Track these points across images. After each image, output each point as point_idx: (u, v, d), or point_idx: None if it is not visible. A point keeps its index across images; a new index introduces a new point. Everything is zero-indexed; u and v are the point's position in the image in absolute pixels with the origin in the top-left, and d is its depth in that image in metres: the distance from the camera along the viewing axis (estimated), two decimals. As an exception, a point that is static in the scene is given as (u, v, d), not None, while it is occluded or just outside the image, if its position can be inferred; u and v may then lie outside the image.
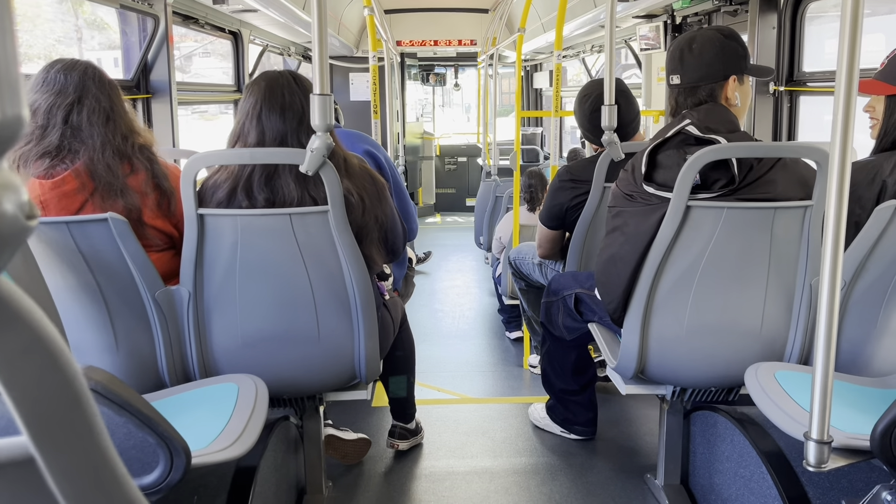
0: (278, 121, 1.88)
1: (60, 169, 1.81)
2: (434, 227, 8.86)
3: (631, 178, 1.98)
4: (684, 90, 2.01)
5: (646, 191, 1.91)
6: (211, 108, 5.53)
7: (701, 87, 1.98)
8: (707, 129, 1.87)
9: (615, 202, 2.05)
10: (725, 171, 1.85)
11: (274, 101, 1.89)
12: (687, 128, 1.89)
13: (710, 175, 1.85)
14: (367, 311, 1.94)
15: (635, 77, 5.60)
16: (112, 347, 1.89)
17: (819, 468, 1.34)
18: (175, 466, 1.25)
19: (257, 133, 1.89)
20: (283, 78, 1.94)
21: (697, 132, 1.87)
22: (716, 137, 1.84)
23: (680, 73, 2.01)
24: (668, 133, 1.93)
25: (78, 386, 0.40)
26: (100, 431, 0.42)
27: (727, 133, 1.87)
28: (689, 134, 1.90)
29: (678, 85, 2.02)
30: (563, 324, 2.58)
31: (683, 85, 2.01)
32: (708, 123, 1.89)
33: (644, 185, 1.91)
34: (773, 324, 1.96)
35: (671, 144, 1.93)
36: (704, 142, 1.87)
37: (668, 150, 1.92)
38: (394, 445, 2.68)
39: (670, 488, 2.31)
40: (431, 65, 10.04)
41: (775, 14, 3.22)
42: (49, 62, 1.90)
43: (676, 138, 1.92)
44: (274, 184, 1.86)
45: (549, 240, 2.89)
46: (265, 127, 1.89)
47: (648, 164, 1.92)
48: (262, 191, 1.85)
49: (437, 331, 4.49)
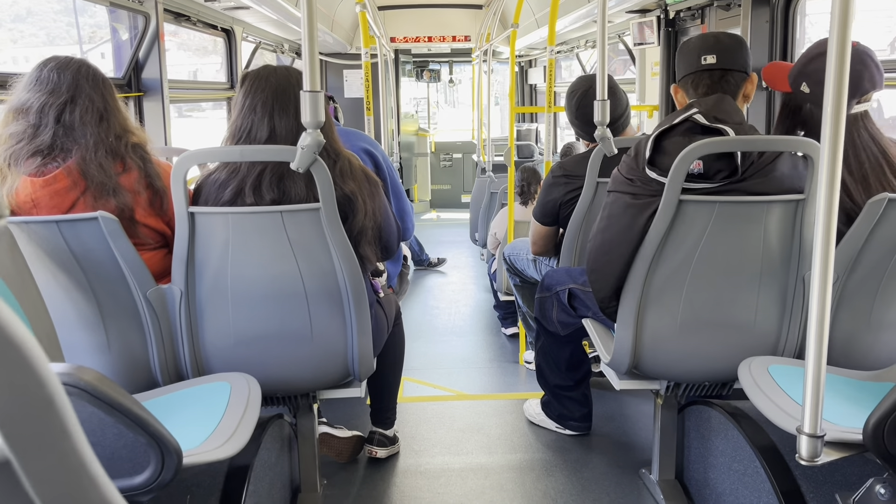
0: (291, 120, 1.87)
1: (52, 167, 1.80)
2: (430, 223, 8.86)
3: (633, 162, 1.98)
4: (717, 73, 1.98)
5: (646, 175, 1.91)
6: (185, 108, 5.49)
7: (734, 73, 1.98)
8: (715, 119, 1.88)
9: (614, 185, 2.04)
10: (728, 162, 1.85)
11: (287, 100, 1.88)
12: (694, 116, 1.89)
13: (714, 165, 1.86)
14: (359, 308, 1.93)
15: (629, 73, 5.59)
16: (104, 347, 1.88)
17: (812, 462, 1.34)
18: (166, 466, 1.24)
19: (268, 130, 1.88)
20: (293, 77, 1.93)
21: (705, 121, 1.87)
22: (724, 127, 1.85)
23: (716, 54, 1.98)
24: (675, 120, 1.93)
25: (52, 387, 0.39)
26: (76, 433, 0.42)
27: (734, 125, 1.87)
28: (696, 122, 1.90)
29: (711, 65, 1.98)
30: (556, 319, 2.57)
31: (718, 66, 1.98)
32: (715, 114, 1.90)
33: (646, 169, 1.91)
34: (766, 318, 1.96)
35: (678, 131, 1.93)
36: (711, 131, 1.87)
37: (674, 137, 1.92)
38: (372, 452, 2.61)
39: (665, 483, 2.31)
40: (426, 61, 10.02)
41: (768, 8, 3.21)
42: (42, 60, 1.88)
43: (683, 126, 1.92)
44: (285, 184, 1.84)
45: (542, 236, 2.89)
46: (276, 125, 1.88)
47: (653, 148, 1.92)
48: (271, 190, 1.84)
49: (433, 327, 4.49)
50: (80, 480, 0.42)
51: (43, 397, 0.39)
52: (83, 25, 3.92)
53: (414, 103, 11.20)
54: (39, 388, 0.39)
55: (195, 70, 5.44)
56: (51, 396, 0.39)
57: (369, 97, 4.36)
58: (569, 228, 2.70)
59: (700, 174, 1.85)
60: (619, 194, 2.00)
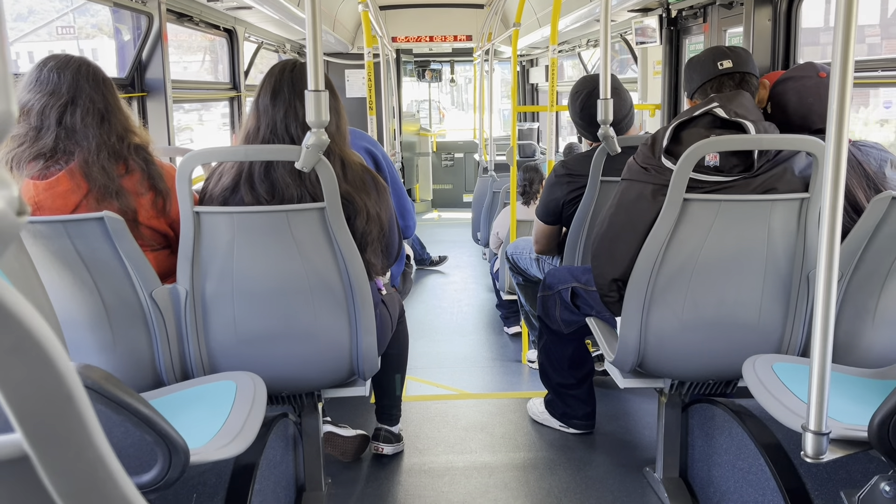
0: (269, 106, 1.91)
1: (55, 170, 1.80)
2: (431, 223, 8.86)
3: (650, 151, 2.00)
4: (735, 76, 2.04)
5: (661, 164, 1.92)
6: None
7: (750, 77, 2.05)
8: (735, 114, 1.89)
9: (629, 174, 2.07)
10: (745, 157, 1.87)
11: (268, 86, 1.92)
12: (714, 109, 1.91)
13: (730, 160, 1.87)
14: (364, 307, 1.94)
15: (631, 71, 5.59)
16: (109, 346, 1.89)
17: (817, 459, 1.34)
18: (173, 464, 1.25)
19: (254, 119, 1.92)
20: (281, 66, 1.96)
21: (724, 114, 1.89)
22: (744, 122, 1.86)
23: (732, 59, 2.05)
24: (696, 112, 1.95)
25: (70, 383, 0.40)
26: (94, 428, 0.42)
27: (754, 121, 1.89)
28: (716, 116, 1.91)
29: (729, 69, 2.05)
30: (560, 317, 2.58)
31: (735, 70, 2.04)
32: (735, 108, 1.91)
33: (662, 158, 1.92)
34: (770, 316, 1.96)
35: (697, 123, 1.95)
36: (731, 125, 1.88)
37: (693, 129, 1.94)
38: (378, 449, 2.63)
39: (669, 481, 2.31)
40: (427, 61, 10.02)
41: (770, 7, 3.21)
42: (43, 58, 1.87)
43: (703, 119, 1.94)
44: (272, 176, 1.86)
45: (545, 235, 2.89)
46: (260, 112, 1.92)
47: (671, 139, 1.94)
48: (262, 182, 1.86)
49: (436, 326, 4.49)
50: (98, 475, 0.43)
51: (62, 393, 0.39)
52: (84, 25, 3.93)
53: (415, 105, 11.19)
54: (59, 383, 0.39)
55: (184, 67, 5.46)
56: (70, 392, 0.40)
57: (372, 97, 4.36)
58: (572, 227, 2.70)
59: (716, 167, 1.86)
60: (632, 182, 2.02)
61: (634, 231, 1.95)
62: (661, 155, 1.92)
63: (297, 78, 1.93)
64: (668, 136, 1.94)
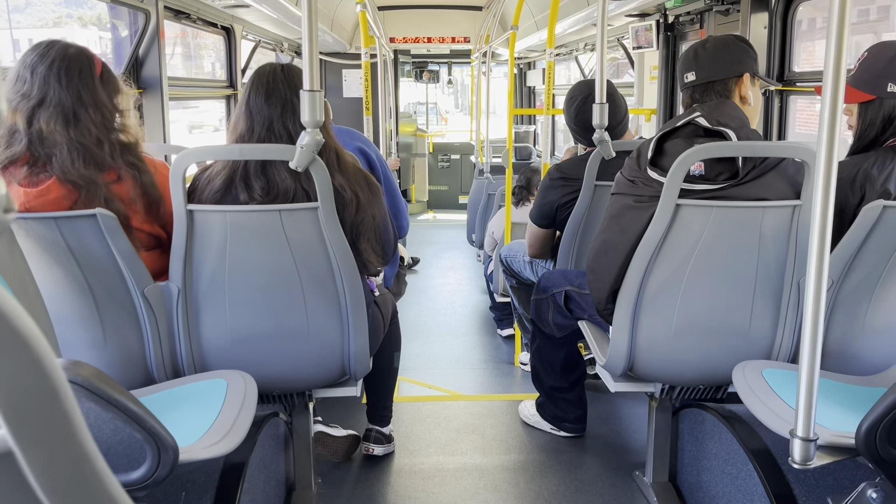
0: (264, 105, 1.90)
1: (44, 177, 1.75)
2: (426, 224, 8.86)
3: (635, 163, 2.01)
4: (700, 87, 2.03)
5: (648, 175, 1.93)
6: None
7: (716, 83, 2.01)
8: (717, 123, 1.89)
9: (617, 188, 2.07)
10: (730, 165, 1.87)
11: (260, 87, 1.91)
12: (697, 119, 1.91)
13: (715, 167, 1.87)
14: (356, 307, 1.94)
15: (628, 76, 5.61)
16: (100, 343, 1.88)
17: (804, 465, 1.35)
18: (162, 462, 1.25)
19: (246, 119, 1.91)
20: (271, 67, 1.97)
21: (707, 123, 1.89)
22: (725, 130, 1.86)
23: (695, 70, 2.03)
24: (678, 123, 1.95)
25: (55, 379, 0.40)
26: (79, 424, 0.42)
27: (736, 128, 1.88)
28: (698, 125, 1.91)
29: (693, 82, 2.04)
30: (552, 321, 2.58)
31: (698, 82, 2.02)
32: (718, 117, 1.91)
33: (648, 169, 1.93)
34: (761, 322, 1.97)
35: (680, 134, 1.95)
36: (713, 133, 1.89)
37: (676, 140, 1.94)
38: (368, 450, 2.63)
39: (658, 485, 2.32)
40: (425, 62, 10.03)
41: (766, 14, 3.23)
42: (31, 46, 1.78)
43: (686, 129, 1.94)
44: (268, 172, 1.86)
45: (539, 238, 2.90)
46: (253, 112, 1.90)
47: (655, 150, 1.94)
48: (258, 179, 1.85)
49: (429, 328, 4.49)
50: (82, 471, 0.43)
51: (47, 388, 0.39)
52: (80, 17, 3.92)
53: (412, 107, 11.19)
54: (44, 379, 0.39)
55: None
56: (55, 387, 0.40)
57: (368, 97, 4.37)
58: (566, 231, 2.71)
59: (701, 176, 1.86)
60: (620, 196, 2.02)
61: (626, 244, 1.96)
62: (647, 167, 1.93)
63: (290, 77, 1.93)
64: (653, 148, 1.94)
